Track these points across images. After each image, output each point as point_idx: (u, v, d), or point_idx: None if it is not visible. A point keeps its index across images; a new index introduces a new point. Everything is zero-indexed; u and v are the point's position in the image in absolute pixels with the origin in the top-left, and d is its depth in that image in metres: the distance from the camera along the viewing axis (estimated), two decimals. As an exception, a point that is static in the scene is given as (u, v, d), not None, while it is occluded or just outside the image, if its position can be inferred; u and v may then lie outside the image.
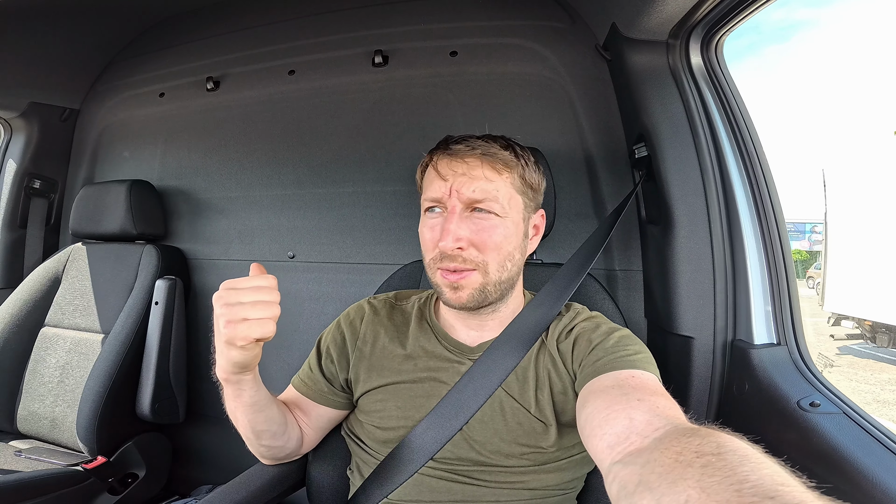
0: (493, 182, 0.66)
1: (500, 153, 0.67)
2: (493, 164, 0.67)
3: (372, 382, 0.74)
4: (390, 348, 0.76)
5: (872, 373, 5.50)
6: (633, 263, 1.11)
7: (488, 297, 0.68)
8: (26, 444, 1.29)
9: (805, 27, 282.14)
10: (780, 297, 0.85)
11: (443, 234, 0.65)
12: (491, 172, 0.66)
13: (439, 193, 0.67)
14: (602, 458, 0.46)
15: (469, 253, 0.66)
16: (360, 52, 1.32)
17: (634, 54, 0.93)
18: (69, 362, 1.33)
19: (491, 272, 0.67)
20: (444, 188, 0.67)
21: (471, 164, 0.67)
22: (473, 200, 0.66)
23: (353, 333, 0.79)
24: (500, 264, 0.67)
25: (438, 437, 0.68)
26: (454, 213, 0.66)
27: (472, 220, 0.66)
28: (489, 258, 0.66)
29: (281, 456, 0.78)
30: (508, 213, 0.67)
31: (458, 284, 0.67)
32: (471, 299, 0.67)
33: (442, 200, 0.67)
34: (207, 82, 1.46)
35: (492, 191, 0.66)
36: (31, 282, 1.42)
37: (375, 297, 0.84)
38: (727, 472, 0.32)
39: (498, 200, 0.66)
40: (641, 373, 0.58)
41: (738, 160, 0.89)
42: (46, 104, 1.57)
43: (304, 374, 0.80)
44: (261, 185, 1.44)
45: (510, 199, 0.68)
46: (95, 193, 1.42)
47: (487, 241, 0.66)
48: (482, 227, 0.66)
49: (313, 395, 0.78)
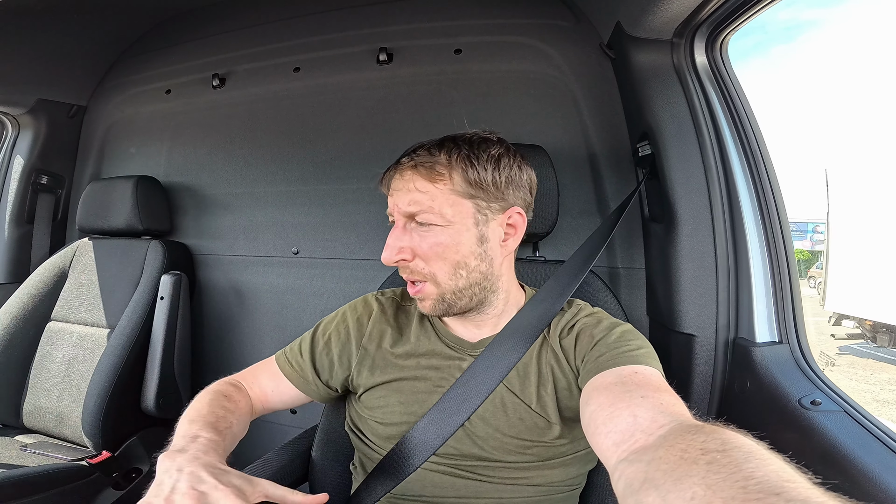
0: (427, 192, 0.66)
1: (437, 161, 0.66)
2: (427, 174, 0.66)
3: (375, 379, 0.75)
4: (394, 347, 0.76)
5: (872, 372, 5.49)
6: (636, 261, 1.11)
7: (453, 305, 0.69)
8: (32, 439, 1.30)
9: (812, 27, 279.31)
10: (782, 295, 0.85)
11: (385, 248, 0.68)
12: (423, 183, 0.66)
13: (388, 209, 0.71)
14: (607, 457, 0.47)
15: (416, 264, 0.67)
16: (364, 49, 1.33)
17: (639, 53, 0.93)
18: (75, 357, 1.34)
19: (441, 282, 0.67)
20: (390, 204, 0.70)
21: (405, 177, 0.67)
22: (410, 213, 0.66)
23: (359, 330, 0.79)
24: (449, 273, 0.67)
25: (441, 433, 0.68)
26: (397, 227, 0.68)
27: (416, 232, 0.67)
28: (435, 268, 0.67)
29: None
30: (452, 221, 0.66)
31: (419, 297, 0.70)
32: (433, 309, 0.69)
33: (390, 215, 0.70)
34: (213, 79, 1.46)
35: (426, 202, 0.65)
36: (38, 276, 1.43)
37: (383, 294, 0.84)
38: (732, 469, 0.31)
39: (433, 210, 0.65)
40: (644, 368, 0.58)
41: (742, 159, 0.89)
42: (54, 101, 1.58)
43: (292, 356, 0.80)
44: (265, 181, 1.44)
45: (452, 206, 0.66)
46: (102, 189, 1.43)
47: (428, 251, 0.66)
48: (423, 237, 0.66)
49: (295, 380, 0.79)
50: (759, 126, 0.89)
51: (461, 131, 0.72)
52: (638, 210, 1.09)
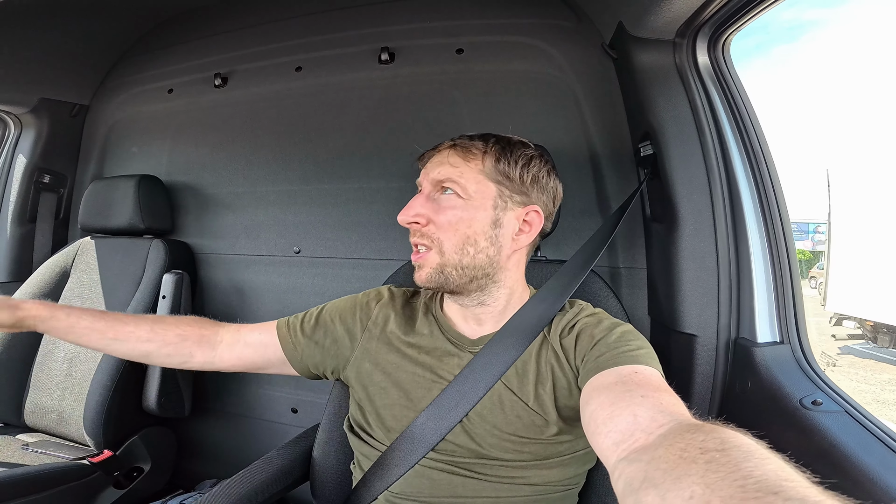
0: (458, 167, 0.70)
1: (473, 144, 0.72)
2: (462, 153, 0.71)
3: (376, 374, 0.76)
4: (396, 334, 0.77)
5: (873, 373, 5.50)
6: (637, 261, 1.11)
7: (449, 281, 0.70)
8: (33, 438, 1.31)
9: (814, 27, 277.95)
10: (783, 295, 0.85)
11: (404, 208, 0.72)
12: (457, 159, 0.71)
13: (419, 179, 0.75)
14: (607, 456, 0.47)
15: (427, 229, 0.70)
16: (366, 49, 1.33)
17: (641, 53, 0.93)
18: (77, 356, 1.34)
19: (446, 251, 0.69)
20: (422, 175, 0.74)
21: (443, 153, 0.72)
22: (437, 181, 0.71)
23: (366, 314, 0.81)
24: (456, 245, 0.69)
25: (438, 429, 0.69)
26: (422, 194, 0.72)
27: (436, 202, 0.71)
28: (443, 236, 0.69)
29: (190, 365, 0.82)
30: (472, 196, 0.69)
31: (419, 263, 0.72)
32: (429, 279, 0.70)
33: (420, 184, 0.74)
34: (215, 79, 1.46)
35: (454, 174, 0.70)
36: (40, 275, 1.44)
37: (396, 286, 0.87)
38: (731, 468, 0.32)
39: (459, 182, 0.69)
40: (644, 368, 0.58)
41: (744, 159, 0.89)
42: (56, 100, 1.58)
43: (293, 327, 0.83)
44: (267, 180, 1.44)
45: (477, 184, 0.69)
46: (104, 188, 1.44)
47: (442, 218, 0.69)
48: (441, 205, 0.70)
49: (285, 344, 0.82)
50: (761, 126, 0.89)
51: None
52: (639, 210, 1.09)
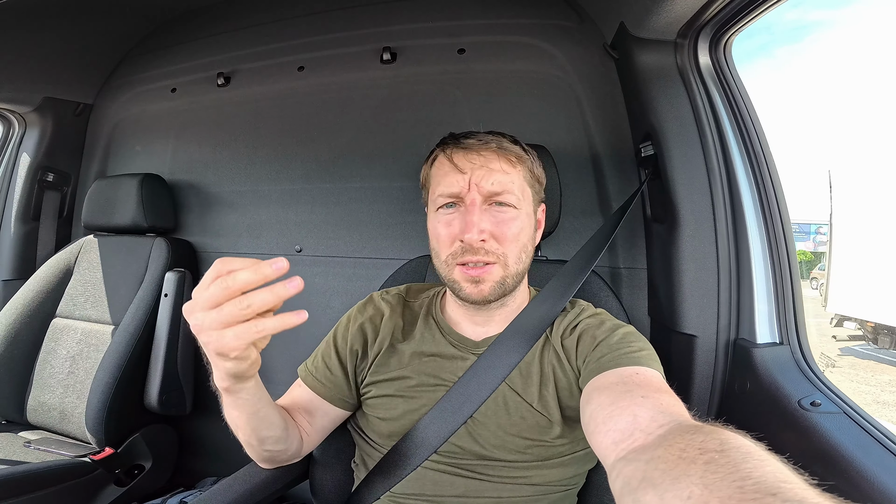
0: (509, 174, 0.68)
1: (512, 147, 0.70)
2: (508, 156, 0.69)
3: (379, 376, 0.75)
4: (400, 345, 0.76)
5: (873, 374, 5.49)
6: (638, 261, 1.11)
7: (507, 290, 0.70)
8: (35, 435, 1.31)
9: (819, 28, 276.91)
10: (783, 296, 0.85)
11: (467, 227, 0.65)
12: (507, 165, 0.68)
13: (457, 188, 0.67)
14: (606, 455, 0.47)
15: (490, 245, 0.67)
16: (368, 48, 1.33)
17: (642, 53, 0.93)
18: (79, 353, 1.35)
19: (510, 264, 0.68)
20: (462, 182, 0.67)
21: (487, 157, 0.68)
22: (493, 193, 0.67)
23: (374, 331, 0.78)
24: (517, 256, 0.69)
25: (442, 431, 0.69)
26: (475, 205, 0.66)
27: (492, 213, 0.67)
28: (508, 250, 0.68)
29: (282, 459, 0.75)
30: (523, 205, 0.69)
31: (480, 278, 0.67)
32: (492, 292, 0.68)
33: (460, 195, 0.67)
34: (218, 78, 1.47)
35: (508, 183, 0.67)
36: (44, 273, 1.44)
37: (388, 293, 0.83)
38: (730, 469, 0.32)
39: (514, 192, 0.68)
40: (645, 369, 0.59)
41: (745, 160, 0.89)
42: (60, 99, 1.59)
43: (319, 372, 0.77)
44: (269, 179, 1.45)
45: (523, 192, 0.70)
46: (108, 187, 1.44)
47: (507, 232, 0.67)
48: (501, 219, 0.67)
49: (328, 395, 0.76)
50: (763, 127, 0.89)
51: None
52: (640, 210, 1.09)
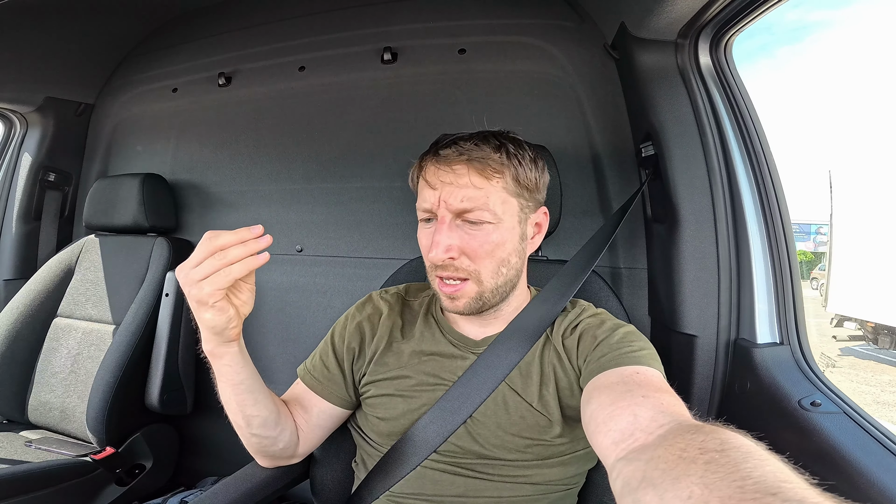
0: (482, 189, 0.64)
1: (490, 157, 0.65)
2: (482, 169, 0.64)
3: (378, 376, 0.75)
4: (399, 345, 0.76)
5: (873, 374, 5.49)
6: (638, 261, 1.11)
7: (486, 304, 0.69)
8: (36, 435, 1.32)
9: (819, 28, 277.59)
10: (783, 296, 0.85)
11: (432, 245, 0.65)
12: (479, 179, 0.64)
13: (429, 203, 0.66)
14: (606, 455, 0.47)
15: (461, 262, 0.66)
16: (369, 49, 1.33)
17: (643, 54, 0.93)
18: (80, 353, 1.35)
19: (485, 280, 0.67)
20: (433, 198, 0.66)
21: (458, 171, 0.64)
22: (462, 210, 0.64)
23: (372, 330, 0.78)
24: (493, 271, 0.67)
25: (442, 431, 0.69)
26: (443, 223, 0.65)
27: (464, 229, 0.65)
28: (481, 267, 0.66)
29: (274, 451, 0.74)
30: (502, 219, 0.66)
31: (454, 295, 0.67)
32: (467, 308, 0.68)
33: (432, 210, 0.66)
34: (219, 78, 1.47)
35: (480, 198, 0.64)
36: (45, 273, 1.45)
37: (387, 292, 0.83)
38: (730, 469, 0.32)
39: (488, 208, 0.64)
40: (646, 369, 0.59)
41: (746, 160, 0.89)
42: (62, 99, 1.59)
43: (316, 370, 0.78)
44: (270, 179, 1.45)
45: (503, 204, 0.66)
46: (109, 186, 1.44)
47: (478, 249, 0.65)
48: (473, 235, 0.65)
49: (324, 393, 0.77)
50: (763, 127, 0.89)
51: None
52: (640, 210, 1.09)
